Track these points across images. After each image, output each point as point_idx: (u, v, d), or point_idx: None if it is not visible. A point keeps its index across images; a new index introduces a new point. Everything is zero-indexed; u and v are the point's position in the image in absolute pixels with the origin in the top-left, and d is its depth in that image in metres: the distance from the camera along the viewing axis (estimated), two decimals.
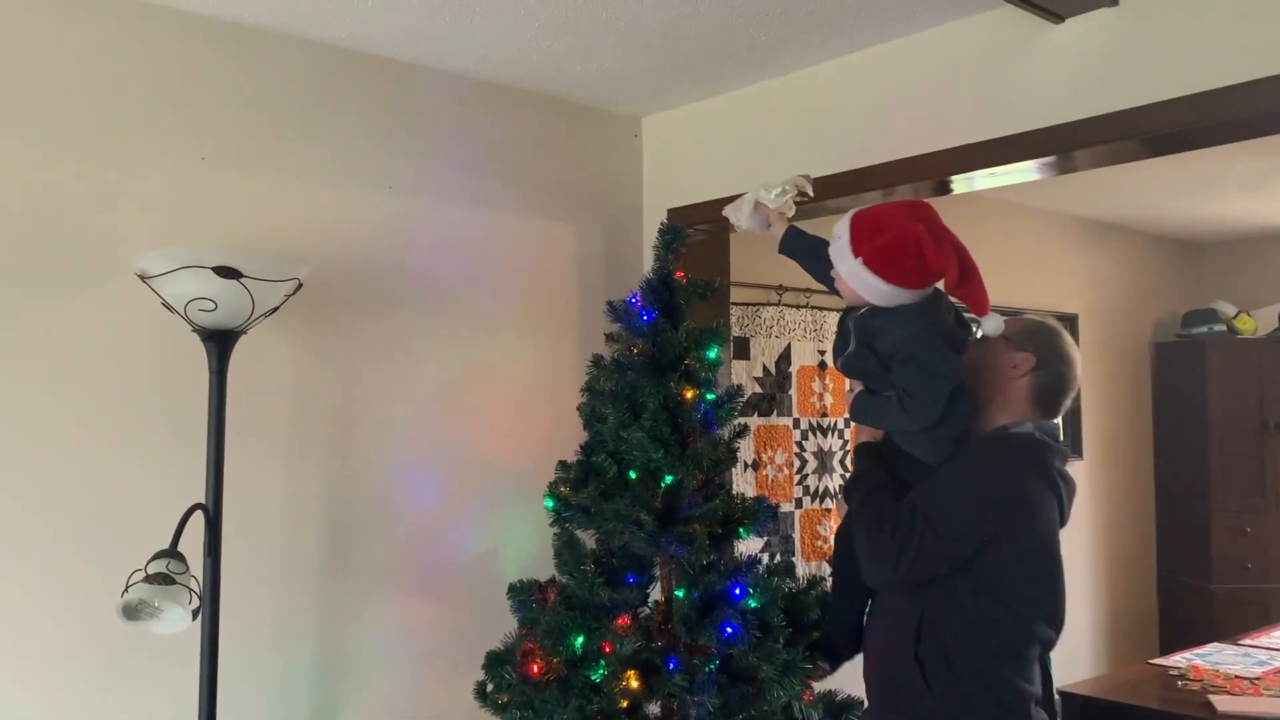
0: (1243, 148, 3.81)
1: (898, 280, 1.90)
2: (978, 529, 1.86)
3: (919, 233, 1.88)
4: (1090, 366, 5.20)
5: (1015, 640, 1.90)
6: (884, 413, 1.94)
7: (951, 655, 1.87)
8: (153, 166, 2.44)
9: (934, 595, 1.89)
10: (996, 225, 4.81)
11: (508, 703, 2.21)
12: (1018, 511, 1.89)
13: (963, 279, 1.91)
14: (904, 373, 1.89)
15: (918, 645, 1.88)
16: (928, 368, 1.88)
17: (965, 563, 1.86)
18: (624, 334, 2.29)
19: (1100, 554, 5.23)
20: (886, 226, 1.91)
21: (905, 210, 1.97)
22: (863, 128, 2.81)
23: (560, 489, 2.27)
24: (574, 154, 3.26)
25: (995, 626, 1.88)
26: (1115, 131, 2.31)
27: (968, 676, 1.87)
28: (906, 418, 1.89)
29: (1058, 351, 2.02)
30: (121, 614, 1.95)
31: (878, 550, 1.87)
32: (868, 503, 1.93)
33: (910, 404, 1.87)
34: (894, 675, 1.95)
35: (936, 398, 1.87)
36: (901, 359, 1.90)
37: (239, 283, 2.11)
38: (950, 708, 1.87)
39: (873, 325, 1.96)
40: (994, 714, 1.88)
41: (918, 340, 1.89)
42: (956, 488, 1.90)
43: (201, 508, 2.18)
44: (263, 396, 2.56)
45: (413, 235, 2.87)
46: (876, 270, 1.89)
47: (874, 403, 1.97)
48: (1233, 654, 3.80)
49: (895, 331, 1.92)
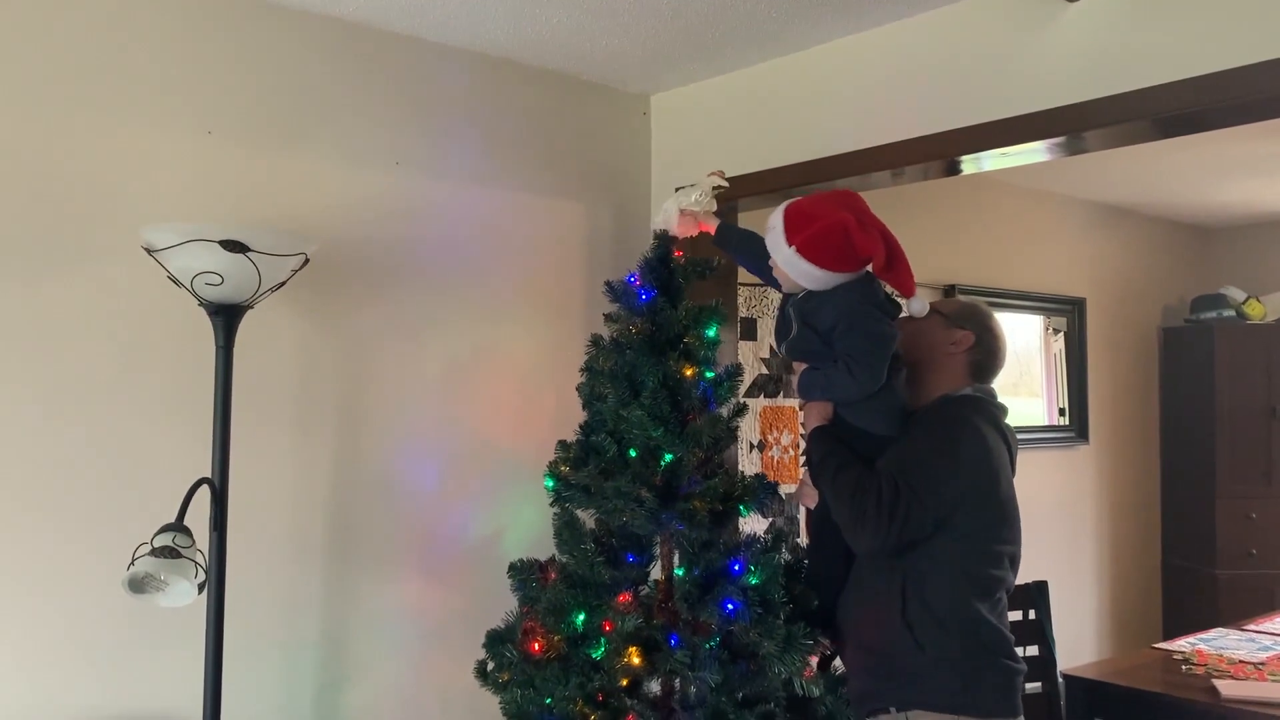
0: (1254, 132, 3.79)
1: (830, 265, 2.04)
2: (953, 483, 2.00)
3: (847, 221, 2.02)
4: (1098, 351, 5.19)
5: (989, 586, 2.04)
6: (831, 383, 2.07)
7: (937, 611, 2.00)
8: (159, 141, 2.44)
9: (913, 558, 2.00)
10: (1006, 208, 4.78)
11: (508, 681, 2.22)
12: (981, 460, 2.03)
13: (889, 263, 2.06)
14: (847, 341, 2.04)
15: (905, 610, 2.00)
16: (869, 333, 2.03)
17: (946, 519, 1.99)
18: (623, 313, 2.28)
19: (1105, 539, 5.23)
20: (817, 216, 2.05)
21: (834, 200, 2.11)
22: (872, 107, 2.79)
23: (560, 468, 2.27)
24: (582, 132, 3.24)
25: (971, 575, 2.02)
26: (1126, 112, 2.30)
27: (955, 628, 1.99)
28: (854, 382, 2.03)
29: (990, 330, 2.20)
30: (127, 587, 1.97)
31: (866, 521, 1.96)
32: (842, 478, 2.03)
33: (856, 368, 2.02)
34: (884, 646, 2.04)
35: (880, 359, 2.02)
36: (842, 329, 2.04)
37: (246, 257, 2.11)
38: (945, 661, 1.99)
39: (811, 305, 2.10)
40: (983, 657, 2.01)
41: (855, 310, 2.04)
42: (924, 448, 2.04)
43: (208, 482, 2.18)
44: (269, 372, 2.57)
45: (420, 213, 2.86)
46: (809, 257, 2.03)
47: (820, 376, 2.10)
48: (1237, 639, 3.80)
49: (832, 306, 2.06)
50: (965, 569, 2.01)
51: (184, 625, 2.33)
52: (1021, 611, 3.51)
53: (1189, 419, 5.39)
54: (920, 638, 1.99)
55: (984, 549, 2.03)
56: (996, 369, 2.22)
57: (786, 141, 2.99)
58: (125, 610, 2.26)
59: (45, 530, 2.26)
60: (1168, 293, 5.66)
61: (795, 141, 2.97)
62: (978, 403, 2.14)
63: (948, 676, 1.98)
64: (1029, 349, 4.96)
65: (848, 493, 2.00)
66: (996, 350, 2.20)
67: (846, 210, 2.05)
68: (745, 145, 3.10)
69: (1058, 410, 5.05)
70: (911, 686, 1.99)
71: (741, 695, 2.05)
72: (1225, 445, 5.18)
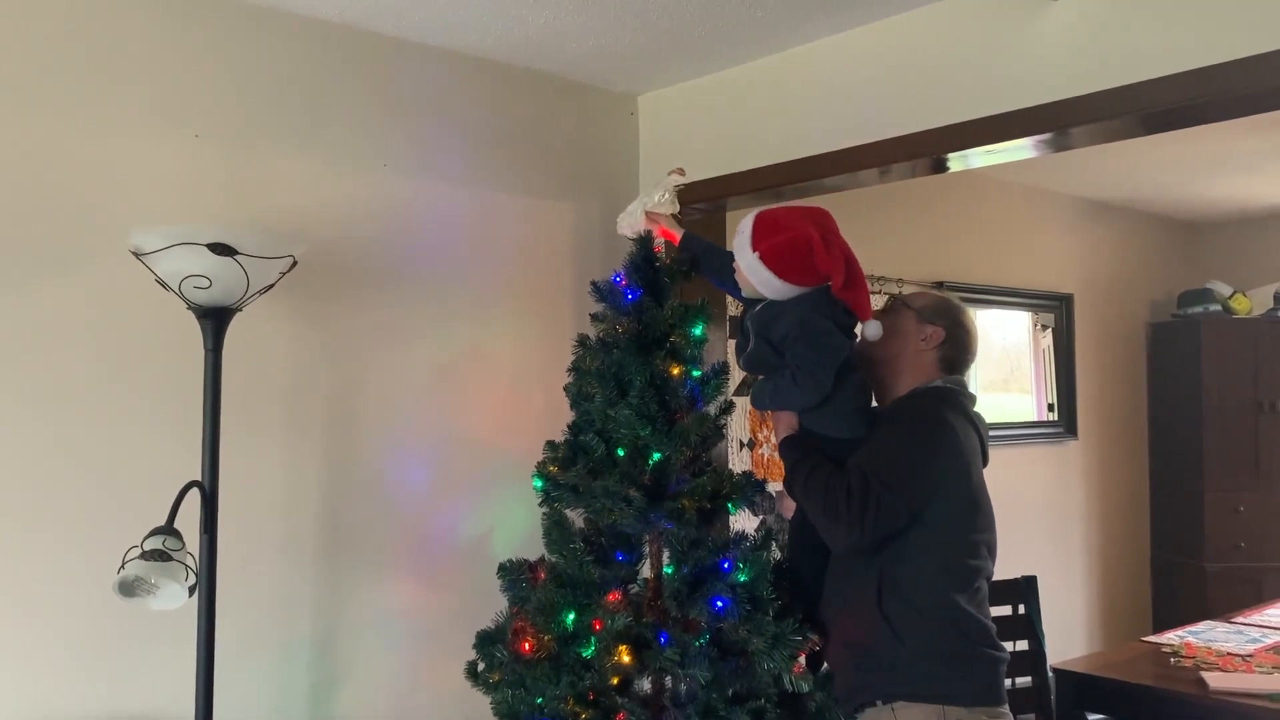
0: (1239, 128, 3.82)
1: (788, 277, 2.09)
2: (925, 475, 2.02)
3: (813, 236, 2.07)
4: (1086, 346, 5.21)
5: (966, 576, 2.05)
6: (779, 391, 2.13)
7: (915, 603, 2.02)
8: (147, 145, 2.44)
9: (890, 552, 2.02)
10: (993, 204, 4.80)
11: (499, 681, 2.22)
12: (952, 450, 2.06)
13: (848, 283, 2.10)
14: (794, 350, 2.09)
15: (881, 603, 2.02)
16: (815, 344, 2.07)
17: (919, 511, 2.01)
18: (609, 313, 2.29)
19: (1095, 533, 5.26)
20: (785, 227, 2.11)
21: (804, 215, 2.16)
22: (858, 105, 2.81)
23: (548, 468, 2.27)
24: (570, 133, 3.25)
25: (947, 566, 2.04)
26: (1111, 109, 2.31)
27: (934, 619, 2.01)
28: (799, 392, 2.08)
29: (961, 325, 2.23)
30: (118, 590, 1.97)
31: (839, 518, 1.99)
32: (814, 480, 2.06)
33: (801, 377, 2.07)
34: (864, 640, 2.06)
35: (825, 370, 2.06)
36: (792, 339, 2.09)
37: (234, 260, 2.11)
38: (925, 654, 2.01)
39: (767, 317, 2.15)
40: (963, 648, 2.03)
41: (806, 321, 2.09)
42: (894, 443, 2.07)
43: (198, 485, 2.18)
44: (259, 375, 2.57)
45: (409, 214, 2.87)
46: (770, 265, 2.09)
47: (770, 385, 2.15)
48: (1225, 631, 3.82)
49: (786, 318, 2.11)
50: (941, 560, 2.03)
51: (176, 628, 2.33)
52: (1011, 606, 3.53)
53: (1177, 413, 5.41)
54: (899, 630, 2.01)
55: (959, 539, 2.05)
56: (968, 362, 2.25)
57: (773, 140, 3.00)
58: (116, 614, 2.26)
59: (35, 535, 2.26)
60: (1155, 288, 5.69)
61: (782, 140, 2.98)
62: (947, 394, 2.16)
63: (930, 667, 2.00)
64: (1018, 346, 4.98)
65: (819, 493, 2.03)
66: (968, 345, 2.23)
67: (815, 226, 2.10)
68: (732, 145, 3.11)
69: (1046, 406, 5.07)
70: (895, 679, 2.01)
71: (732, 692, 2.06)
72: (1213, 439, 5.21)
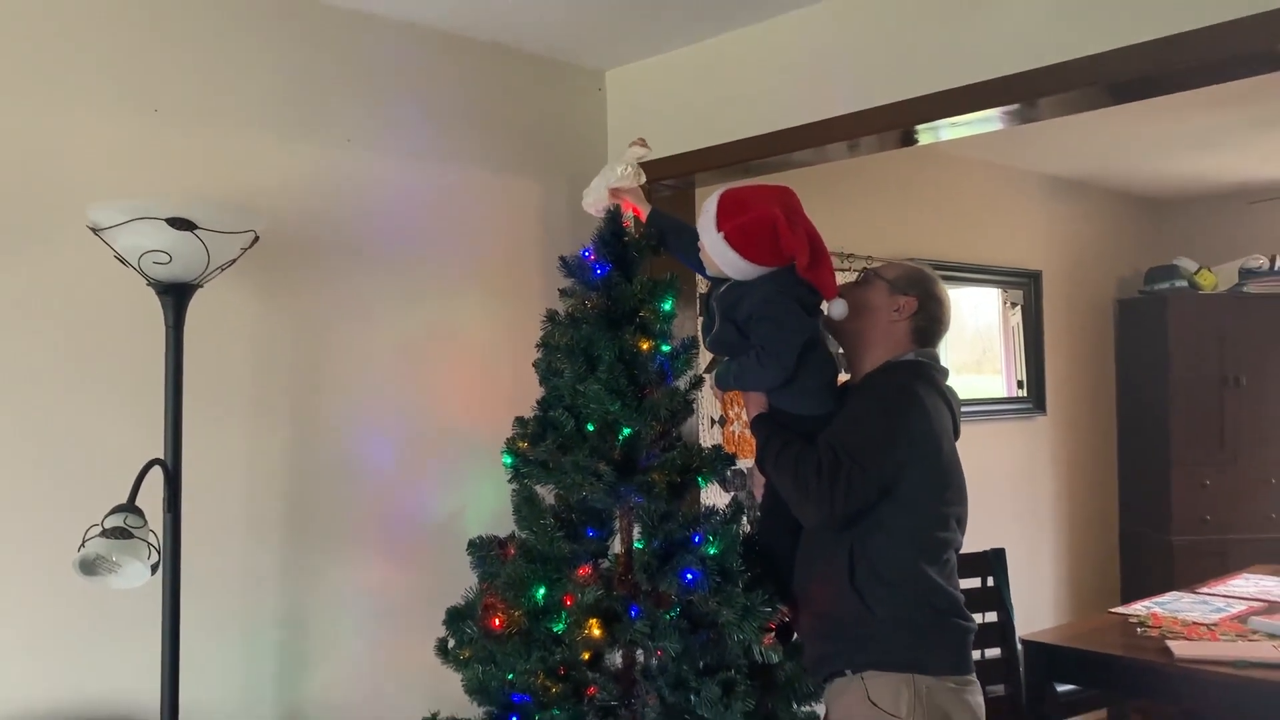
0: (1205, 104, 3.84)
1: (753, 257, 2.08)
2: (895, 450, 2.02)
3: (777, 216, 2.06)
4: (1054, 323, 5.25)
5: (935, 548, 2.06)
6: (744, 371, 2.12)
7: (885, 574, 2.02)
8: (104, 120, 2.40)
9: (861, 525, 2.02)
10: (962, 181, 4.82)
11: (470, 657, 2.21)
12: (922, 424, 2.05)
13: (813, 263, 2.08)
14: (759, 330, 2.09)
15: (852, 575, 2.03)
16: (780, 324, 2.06)
17: (890, 485, 2.01)
18: (578, 288, 2.27)
19: (1064, 507, 5.31)
20: (750, 207, 2.10)
21: (770, 194, 2.15)
22: (827, 78, 2.80)
23: (518, 444, 2.26)
24: (537, 109, 3.22)
25: (917, 539, 2.05)
26: (1079, 78, 2.32)
27: (904, 591, 2.02)
28: (764, 371, 2.08)
29: (934, 296, 2.22)
30: (79, 568, 1.94)
31: (809, 494, 1.99)
32: (785, 456, 2.05)
33: (765, 357, 2.06)
34: (835, 613, 2.06)
35: (789, 349, 2.06)
36: (756, 319, 2.08)
37: (194, 235, 2.07)
38: (894, 624, 2.02)
39: (732, 298, 2.14)
40: (933, 620, 2.04)
41: (771, 301, 2.08)
42: (865, 418, 2.07)
43: (160, 463, 2.16)
44: (222, 352, 2.53)
45: (373, 190, 2.83)
46: (735, 245, 2.08)
47: (734, 365, 2.14)
48: (1191, 602, 3.87)
49: (751, 298, 2.10)
50: (911, 533, 2.04)
51: (141, 609, 2.30)
52: (980, 578, 3.56)
53: (1144, 389, 5.46)
54: (870, 601, 2.02)
55: (929, 512, 2.06)
56: (940, 333, 2.24)
57: (742, 115, 2.99)
58: (79, 595, 2.23)
59: None
60: (1122, 265, 5.74)
61: (751, 115, 2.96)
62: (919, 367, 2.16)
63: (899, 637, 2.01)
64: (990, 328, 5.00)
65: (790, 471, 2.03)
66: (940, 316, 2.22)
67: (779, 206, 2.09)
68: (701, 120, 3.10)
69: (1016, 383, 5.10)
70: (864, 648, 2.02)
71: (702, 664, 2.06)
72: (1179, 414, 5.26)
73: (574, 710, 2.10)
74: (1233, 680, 3.00)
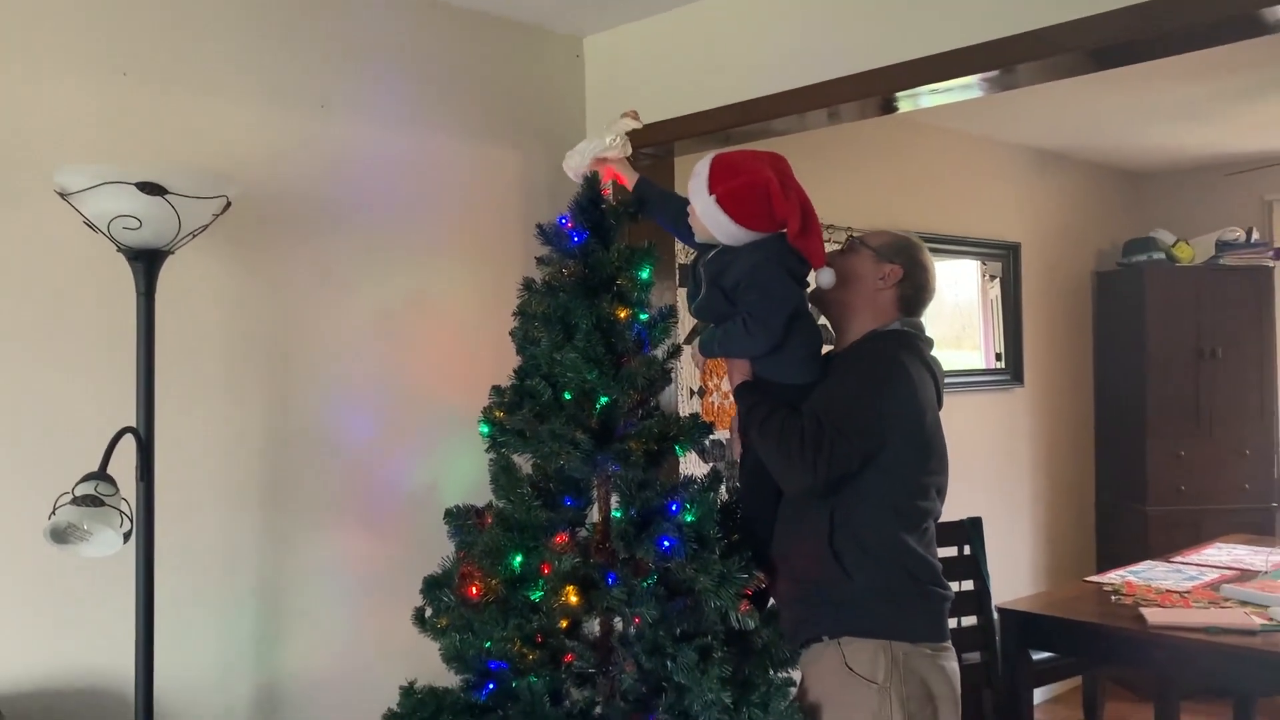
0: (1184, 75, 3.85)
1: (744, 221, 2.07)
2: (880, 419, 2.02)
3: (770, 180, 2.04)
4: (1033, 295, 5.27)
5: (915, 516, 2.08)
6: (730, 338, 2.11)
7: (865, 541, 2.03)
8: (72, 84, 2.35)
9: (842, 493, 2.03)
10: (942, 153, 4.81)
11: (447, 626, 2.20)
12: (906, 394, 2.06)
13: (803, 230, 2.07)
14: (746, 298, 2.08)
15: (832, 541, 2.03)
16: (768, 292, 2.05)
17: (873, 454, 2.01)
18: (555, 256, 2.25)
19: (1041, 479, 5.35)
20: (742, 171, 2.08)
21: (762, 159, 2.13)
22: (807, 44, 2.78)
23: (495, 413, 2.24)
24: (515, 75, 3.19)
25: (898, 508, 2.06)
26: (1060, 43, 2.30)
27: (883, 558, 2.03)
28: (750, 339, 2.07)
29: (920, 264, 2.21)
30: (49, 537, 1.92)
31: (793, 462, 1.99)
32: (769, 424, 2.05)
33: (753, 325, 2.05)
34: (813, 575, 2.08)
35: (777, 317, 2.05)
36: (744, 286, 2.07)
37: (164, 200, 2.04)
38: (873, 592, 2.03)
39: (720, 264, 2.13)
40: (911, 588, 2.06)
41: (760, 268, 2.07)
42: (850, 387, 2.07)
43: (132, 431, 2.13)
44: (195, 319, 2.51)
45: (348, 157, 2.80)
46: (726, 209, 2.06)
47: (719, 332, 2.13)
48: (1164, 570, 3.91)
49: (739, 265, 2.09)
50: (892, 501, 2.05)
51: (114, 579, 2.29)
52: (957, 547, 3.58)
53: (1121, 361, 5.50)
54: (848, 566, 2.03)
55: (910, 481, 2.07)
56: (926, 301, 2.25)
57: (722, 82, 2.96)
58: (52, 565, 2.22)
59: None
60: (1101, 237, 5.75)
61: (731, 82, 2.94)
62: (904, 337, 2.16)
63: (876, 604, 2.02)
64: (969, 302, 5.01)
65: (774, 438, 2.03)
66: (925, 284, 2.22)
67: (772, 171, 2.08)
68: (681, 87, 3.07)
69: (994, 355, 5.12)
70: (842, 614, 2.04)
71: (679, 630, 2.06)
72: (1155, 386, 5.30)
73: (551, 677, 2.10)
74: (1205, 646, 3.04)
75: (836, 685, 2.04)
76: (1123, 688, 5.03)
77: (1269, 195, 5.55)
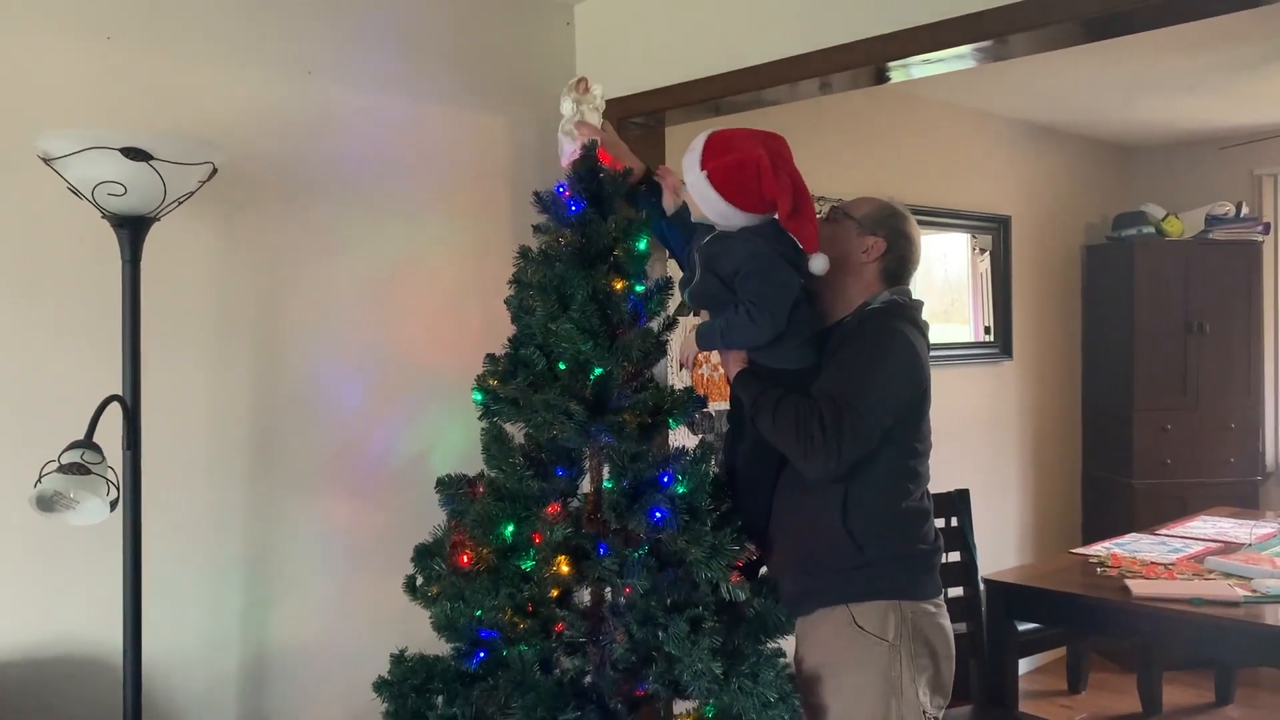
0: (1176, 48, 3.83)
1: (734, 199, 2.04)
2: (893, 395, 2.02)
3: (762, 159, 2.01)
4: (1023, 269, 5.27)
5: (918, 481, 2.11)
6: (732, 328, 2.07)
7: (878, 516, 2.05)
8: (55, 47, 2.31)
9: (856, 470, 2.02)
10: (934, 126, 4.79)
11: (438, 594, 2.20)
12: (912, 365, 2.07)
13: (795, 212, 2.03)
14: (748, 286, 2.04)
15: (846, 517, 2.03)
16: (770, 279, 2.02)
17: (890, 428, 2.00)
18: (552, 224, 2.23)
19: (1029, 451, 5.37)
20: (736, 148, 2.04)
21: (758, 137, 2.09)
22: (800, 12, 2.74)
23: (488, 382, 2.23)
24: (504, 42, 3.15)
25: (905, 473, 2.08)
26: (1053, 13, 2.28)
27: (894, 526, 2.06)
28: (755, 328, 2.03)
29: (903, 234, 2.19)
30: (35, 505, 1.91)
31: (815, 448, 1.96)
32: (782, 411, 2.01)
33: (757, 313, 2.01)
34: (820, 550, 2.08)
35: (781, 305, 2.02)
36: (744, 274, 2.04)
37: (149, 166, 2.01)
38: (884, 560, 2.05)
39: (715, 250, 2.10)
40: (919, 551, 2.09)
41: (759, 255, 2.04)
42: (859, 365, 2.05)
43: (118, 399, 2.11)
44: (181, 287, 2.48)
45: (335, 124, 2.76)
46: (717, 185, 2.03)
47: (720, 322, 2.09)
48: (1150, 543, 3.94)
49: (736, 251, 2.05)
50: (901, 470, 2.08)
51: (102, 548, 2.27)
52: (944, 519, 3.60)
53: (1109, 334, 5.51)
54: (860, 540, 2.04)
55: (914, 448, 2.10)
56: (910, 271, 2.25)
57: (714, 51, 2.93)
58: (39, 533, 2.20)
59: None
60: (1091, 210, 5.75)
61: (722, 50, 2.91)
62: (898, 307, 2.15)
63: (888, 569, 2.05)
64: (959, 277, 5.01)
65: (790, 425, 1.99)
66: (910, 255, 2.22)
67: (765, 150, 2.04)
68: (671, 55, 3.04)
69: (983, 328, 5.13)
70: (852, 582, 2.05)
71: (670, 601, 2.06)
72: (1143, 359, 5.31)
73: (542, 646, 2.10)
74: (1188, 617, 3.07)
75: (843, 646, 2.05)
76: (1106, 658, 5.09)
77: (1259, 170, 5.55)
